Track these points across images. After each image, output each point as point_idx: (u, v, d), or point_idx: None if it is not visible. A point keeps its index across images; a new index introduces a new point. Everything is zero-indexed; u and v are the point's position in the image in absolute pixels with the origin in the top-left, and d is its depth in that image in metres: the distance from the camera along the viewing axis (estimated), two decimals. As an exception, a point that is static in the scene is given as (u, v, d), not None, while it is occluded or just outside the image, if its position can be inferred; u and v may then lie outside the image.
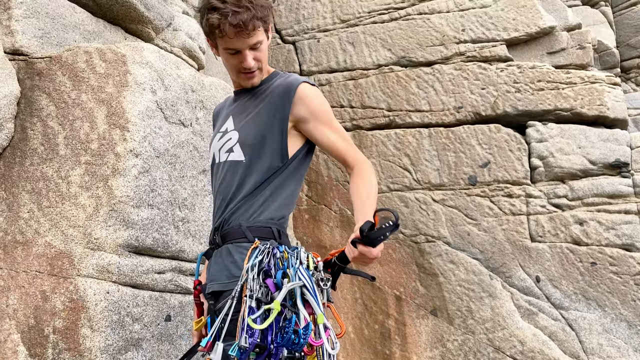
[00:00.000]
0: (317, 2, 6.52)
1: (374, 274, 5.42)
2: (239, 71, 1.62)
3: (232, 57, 1.59)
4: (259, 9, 1.55)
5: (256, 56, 1.60)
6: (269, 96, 1.63)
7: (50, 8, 2.59)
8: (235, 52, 1.58)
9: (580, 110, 5.07)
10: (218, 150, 1.67)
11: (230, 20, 1.48)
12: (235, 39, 1.53)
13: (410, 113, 5.78)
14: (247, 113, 1.65)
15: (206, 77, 2.67)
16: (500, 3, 5.64)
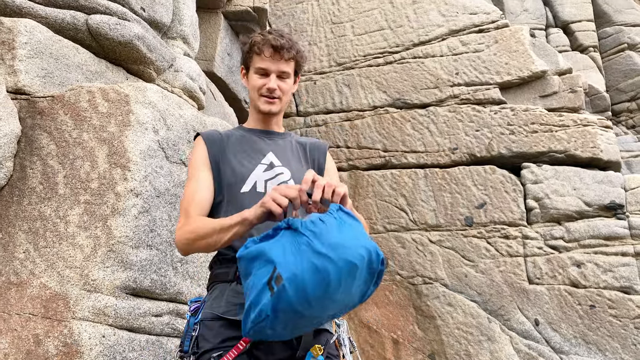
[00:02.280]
0: (313, 45, 6.66)
1: (371, 317, 5.33)
2: (262, 94, 1.70)
3: (260, 78, 1.69)
4: (298, 47, 1.74)
5: (280, 85, 1.70)
6: (304, 149, 1.79)
7: (54, 49, 2.61)
8: (264, 74, 1.69)
9: (574, 152, 5.13)
10: (263, 180, 1.65)
11: (271, 40, 1.66)
12: (269, 59, 1.67)
13: (406, 154, 5.83)
14: (290, 156, 1.73)
15: (208, 117, 2.68)
16: (492, 48, 5.78)
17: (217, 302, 1.51)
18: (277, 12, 6.89)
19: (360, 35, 6.46)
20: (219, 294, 1.53)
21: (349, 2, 6.60)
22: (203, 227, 1.46)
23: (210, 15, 5.38)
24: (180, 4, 3.54)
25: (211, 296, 1.55)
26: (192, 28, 3.58)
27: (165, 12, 3.33)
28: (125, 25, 2.89)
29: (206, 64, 5.30)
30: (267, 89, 1.68)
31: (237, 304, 1.47)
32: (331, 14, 6.66)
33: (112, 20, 2.84)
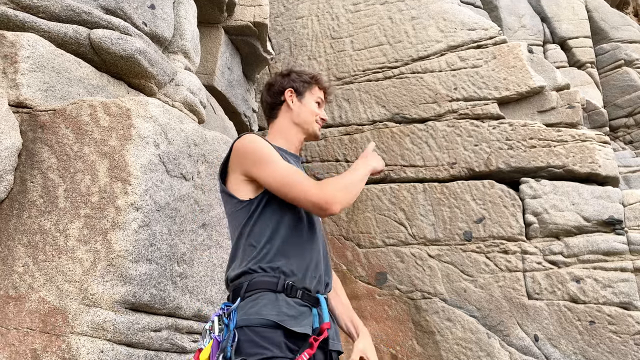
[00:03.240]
0: (313, 60, 6.71)
1: (370, 332, 5.30)
2: (316, 121, 1.95)
3: (317, 107, 1.96)
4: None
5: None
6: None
7: (56, 62, 2.63)
8: (319, 104, 1.97)
9: (573, 167, 5.15)
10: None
11: (325, 77, 1.86)
12: (326, 93, 2.02)
13: (405, 168, 5.84)
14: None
15: (209, 132, 2.70)
16: (491, 63, 5.83)
17: (268, 309, 1.51)
18: (277, 27, 6.95)
19: (360, 51, 6.52)
20: (268, 302, 1.53)
21: (349, 17, 6.67)
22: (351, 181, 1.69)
23: (211, 30, 5.42)
24: (181, 19, 3.57)
25: (256, 303, 1.53)
26: (193, 43, 3.61)
27: (166, 26, 3.36)
28: (127, 39, 2.91)
29: (206, 78, 5.32)
30: (321, 119, 1.96)
31: (290, 315, 1.52)
32: (331, 29, 6.72)
33: (114, 35, 2.87)
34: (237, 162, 1.72)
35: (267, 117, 2.00)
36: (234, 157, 1.73)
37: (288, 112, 1.94)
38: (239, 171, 1.71)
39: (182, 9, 3.62)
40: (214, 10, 5.19)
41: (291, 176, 1.64)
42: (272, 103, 1.95)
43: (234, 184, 1.72)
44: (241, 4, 5.54)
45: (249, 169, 1.68)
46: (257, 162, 1.67)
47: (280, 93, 1.94)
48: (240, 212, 1.69)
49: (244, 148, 1.71)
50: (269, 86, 1.99)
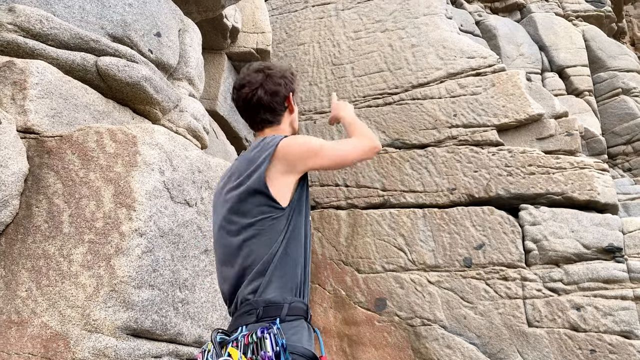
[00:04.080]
0: (314, 85, 6.80)
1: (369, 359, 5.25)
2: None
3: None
4: None
5: None
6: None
7: (63, 89, 2.68)
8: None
9: (572, 194, 5.18)
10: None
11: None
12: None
13: (405, 193, 5.87)
14: None
15: (212, 158, 2.73)
16: (490, 91, 5.91)
17: (306, 340, 1.52)
18: (279, 54, 7.05)
19: (360, 77, 6.61)
20: (305, 332, 1.53)
21: (350, 44, 6.78)
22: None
23: (214, 56, 5.51)
24: (186, 46, 3.64)
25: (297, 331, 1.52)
26: (197, 70, 3.67)
27: (172, 54, 3.43)
28: (134, 67, 2.97)
29: (209, 103, 5.40)
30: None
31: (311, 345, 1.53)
32: (332, 56, 6.83)
33: (121, 62, 2.93)
34: (290, 161, 1.65)
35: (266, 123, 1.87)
36: (284, 156, 1.65)
37: (289, 117, 1.90)
38: (289, 171, 1.65)
39: (188, 37, 3.70)
40: (218, 37, 5.30)
41: (340, 148, 1.75)
42: (278, 110, 1.85)
43: (274, 187, 1.63)
44: (244, 31, 5.65)
45: (304, 163, 1.68)
46: (311, 154, 1.68)
47: (286, 99, 1.87)
48: (278, 221, 1.61)
49: (297, 145, 1.68)
50: (275, 93, 1.84)
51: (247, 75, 1.84)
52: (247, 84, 1.82)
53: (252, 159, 1.69)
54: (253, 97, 1.82)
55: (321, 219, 6.03)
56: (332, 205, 6.14)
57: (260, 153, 1.68)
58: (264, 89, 1.82)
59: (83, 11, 3.02)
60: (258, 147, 1.72)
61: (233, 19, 5.29)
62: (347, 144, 1.76)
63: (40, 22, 2.72)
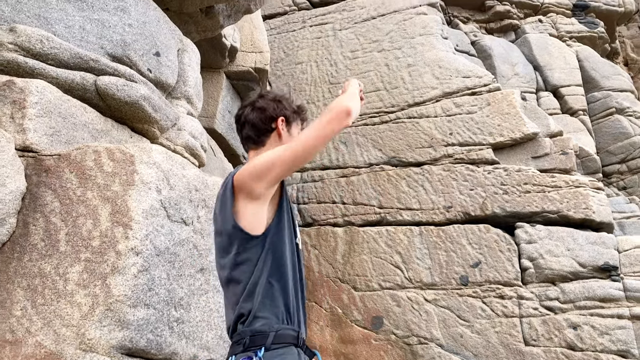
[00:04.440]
0: (311, 104, 6.86)
1: (366, 378, 5.22)
2: None
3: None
4: None
5: None
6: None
7: (62, 108, 2.71)
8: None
9: (567, 213, 5.21)
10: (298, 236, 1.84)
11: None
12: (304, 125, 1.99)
13: (401, 211, 5.89)
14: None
15: (209, 177, 2.76)
16: (485, 110, 5.97)
17: None
18: (277, 72, 7.13)
19: (357, 95, 6.66)
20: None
21: (347, 64, 6.86)
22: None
23: (213, 75, 5.57)
24: (185, 65, 3.68)
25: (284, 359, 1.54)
26: (196, 89, 3.71)
27: (170, 73, 3.47)
28: (132, 86, 3.01)
29: (207, 121, 5.44)
30: None
31: None
32: (329, 75, 6.90)
33: (120, 82, 2.96)
34: (247, 187, 1.65)
35: (250, 142, 1.90)
36: (241, 186, 1.66)
37: (277, 141, 1.87)
38: (252, 198, 1.65)
39: (186, 56, 3.74)
40: (217, 56, 5.36)
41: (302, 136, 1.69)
42: (262, 129, 1.85)
43: (243, 219, 1.65)
44: (243, 50, 5.71)
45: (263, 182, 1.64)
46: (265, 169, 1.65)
47: (273, 120, 1.86)
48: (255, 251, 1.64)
49: (248, 170, 1.68)
50: (261, 110, 1.86)
51: (248, 99, 1.95)
52: (244, 106, 1.89)
53: (222, 197, 1.75)
54: (242, 114, 1.88)
55: (318, 236, 6.03)
56: (329, 223, 6.15)
57: (226, 189, 1.73)
58: (253, 106, 1.88)
59: (83, 31, 3.06)
60: (224, 184, 1.78)
61: (232, 39, 5.36)
62: (304, 133, 1.70)
63: (41, 42, 2.76)
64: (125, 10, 3.24)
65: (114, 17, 3.19)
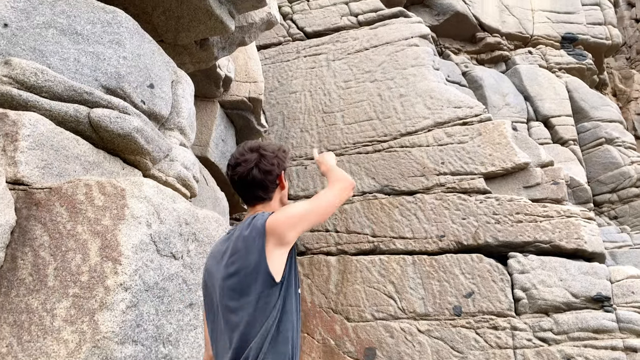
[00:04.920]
0: (305, 132, 6.91)
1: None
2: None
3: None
4: None
5: None
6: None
7: (55, 140, 2.71)
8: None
9: (559, 243, 5.22)
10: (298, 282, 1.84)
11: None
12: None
13: (394, 240, 5.89)
14: None
15: (200, 210, 2.75)
16: (476, 140, 6.03)
17: None
18: (272, 101, 7.20)
19: (350, 124, 6.73)
20: None
21: (340, 93, 6.94)
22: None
23: (207, 104, 5.62)
24: (179, 97, 3.71)
25: None
26: (189, 120, 3.74)
27: (164, 105, 3.50)
28: (126, 118, 3.02)
29: (200, 149, 5.46)
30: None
31: None
32: (323, 104, 6.97)
33: (113, 114, 2.98)
34: (281, 233, 1.73)
35: (258, 200, 1.94)
36: (274, 230, 1.73)
37: (279, 193, 1.97)
38: (282, 243, 1.73)
39: (180, 87, 3.78)
40: (211, 85, 5.41)
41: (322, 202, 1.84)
42: (268, 187, 1.92)
43: (271, 264, 1.70)
44: (237, 80, 5.78)
45: (294, 231, 1.75)
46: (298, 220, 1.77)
47: (278, 177, 1.95)
48: (272, 297, 1.68)
49: (284, 217, 1.77)
50: (269, 172, 1.92)
51: (242, 154, 1.93)
52: (243, 162, 1.90)
53: (247, 238, 1.75)
54: (248, 176, 1.89)
55: (311, 265, 6.01)
56: (322, 251, 6.14)
57: (253, 231, 1.75)
58: (259, 168, 1.90)
59: (78, 64, 3.09)
60: (250, 225, 1.79)
61: (226, 69, 5.42)
62: (326, 195, 1.86)
63: (35, 75, 2.78)
64: (120, 43, 3.28)
65: (109, 50, 3.23)
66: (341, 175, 1.96)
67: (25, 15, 2.95)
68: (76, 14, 3.15)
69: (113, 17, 3.29)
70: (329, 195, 1.86)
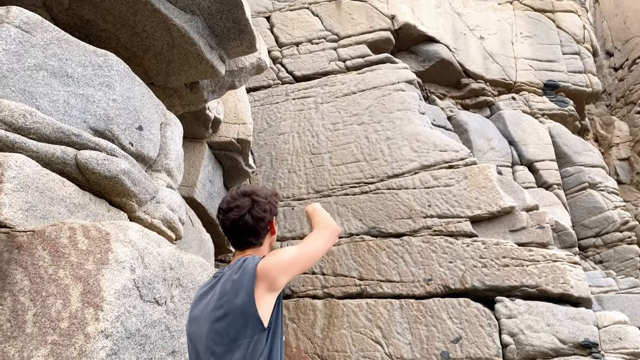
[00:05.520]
0: (292, 173, 6.94)
1: None
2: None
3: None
4: None
5: None
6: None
7: (40, 182, 2.69)
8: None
9: (546, 287, 5.22)
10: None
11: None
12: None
13: (381, 283, 5.84)
14: None
15: (185, 255, 2.72)
16: (462, 183, 6.10)
17: None
18: (260, 142, 7.25)
19: (338, 166, 6.78)
20: None
21: (328, 135, 7.02)
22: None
23: (195, 145, 5.64)
24: (167, 139, 3.73)
25: None
26: (177, 162, 3.74)
27: (152, 147, 3.50)
28: (113, 160, 3.02)
29: (187, 190, 5.44)
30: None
31: None
32: (311, 146, 7.03)
33: (101, 156, 2.97)
34: (272, 278, 1.72)
35: (250, 245, 1.92)
36: (265, 275, 1.71)
37: (269, 238, 1.98)
38: (272, 288, 1.72)
39: (169, 130, 3.80)
40: (200, 127, 5.45)
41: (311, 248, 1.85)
42: (259, 233, 1.92)
43: (260, 308, 1.68)
44: (226, 122, 5.83)
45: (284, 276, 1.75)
46: (289, 265, 1.77)
47: (270, 222, 1.95)
48: (260, 343, 1.66)
49: (275, 262, 1.76)
50: (261, 219, 1.91)
51: (235, 198, 1.92)
52: (236, 208, 1.89)
53: (236, 281, 1.73)
54: (240, 221, 1.89)
55: (297, 309, 5.92)
56: (309, 295, 6.06)
57: (244, 275, 1.73)
58: (251, 214, 1.90)
59: (67, 105, 3.11)
60: (240, 269, 1.77)
61: (215, 111, 5.47)
62: (315, 241, 1.87)
63: (24, 117, 2.78)
64: (110, 86, 3.31)
65: (99, 92, 3.26)
66: (328, 221, 1.97)
67: (16, 58, 2.98)
68: (68, 57, 3.19)
69: (104, 61, 3.33)
70: (318, 242, 1.87)
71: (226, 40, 4.21)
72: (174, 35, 3.83)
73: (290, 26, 8.11)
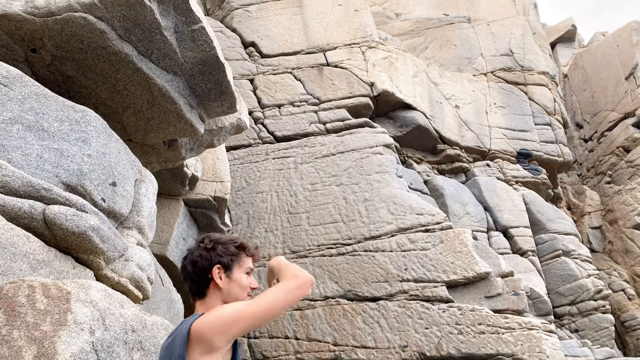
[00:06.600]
0: (269, 232, 6.88)
1: None
2: (248, 294, 1.83)
3: (246, 277, 1.84)
4: None
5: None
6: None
7: (4, 237, 2.61)
8: (249, 272, 1.86)
9: (522, 356, 5.14)
10: None
11: (252, 245, 1.93)
12: (254, 260, 1.91)
13: (356, 349, 5.69)
14: None
15: (149, 317, 2.63)
16: (438, 247, 6.11)
17: None
18: (238, 200, 7.22)
19: (315, 226, 6.76)
20: None
21: (306, 195, 7.03)
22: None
23: (171, 202, 5.58)
24: (141, 196, 3.69)
25: None
26: (149, 219, 3.69)
27: (125, 203, 3.46)
28: (82, 216, 2.96)
29: (160, 248, 5.33)
30: (252, 288, 1.84)
31: None
32: (289, 205, 7.03)
33: (70, 212, 2.91)
34: (207, 340, 1.57)
35: (193, 294, 1.84)
36: (199, 338, 1.57)
37: (217, 291, 1.80)
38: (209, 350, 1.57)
39: (144, 186, 3.77)
40: (177, 184, 5.42)
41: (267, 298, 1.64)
42: (198, 282, 1.79)
43: None
44: (204, 179, 5.81)
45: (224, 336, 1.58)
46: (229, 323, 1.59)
47: (207, 270, 1.79)
48: None
49: (210, 322, 1.60)
50: (194, 264, 1.81)
51: (193, 244, 1.88)
52: (188, 254, 1.86)
53: (170, 346, 1.64)
54: (184, 269, 1.86)
55: (267, 375, 5.70)
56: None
57: (176, 338, 1.63)
58: (189, 258, 1.85)
59: (40, 159, 3.07)
60: (174, 333, 1.68)
61: (193, 168, 5.47)
62: (275, 292, 1.66)
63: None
64: (86, 141, 3.30)
65: (74, 147, 3.24)
66: (297, 271, 1.73)
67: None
68: (45, 112, 3.19)
69: (82, 116, 3.34)
70: (279, 293, 1.65)
71: (207, 101, 4.27)
72: (155, 94, 3.88)
73: (273, 89, 8.30)
